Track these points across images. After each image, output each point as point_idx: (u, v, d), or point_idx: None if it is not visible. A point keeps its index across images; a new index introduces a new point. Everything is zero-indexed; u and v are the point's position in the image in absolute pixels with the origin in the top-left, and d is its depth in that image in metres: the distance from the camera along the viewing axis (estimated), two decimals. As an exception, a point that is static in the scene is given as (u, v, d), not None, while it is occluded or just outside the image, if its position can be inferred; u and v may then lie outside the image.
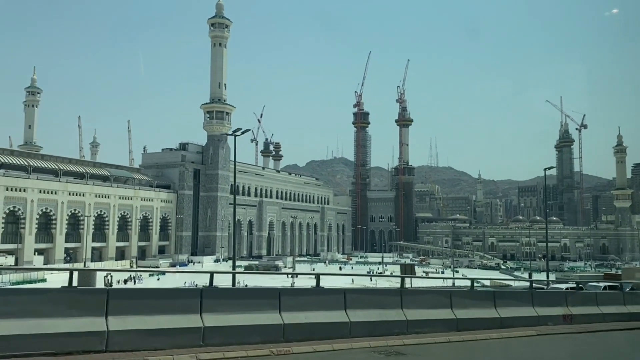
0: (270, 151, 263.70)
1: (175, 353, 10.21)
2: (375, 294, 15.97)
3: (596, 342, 16.48)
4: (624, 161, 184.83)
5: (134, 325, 10.35)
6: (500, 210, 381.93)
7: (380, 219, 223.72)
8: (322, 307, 12.73)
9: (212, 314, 11.24)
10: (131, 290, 13.69)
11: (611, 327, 18.79)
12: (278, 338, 11.75)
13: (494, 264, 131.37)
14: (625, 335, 18.10)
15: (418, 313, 14.29)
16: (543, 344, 15.48)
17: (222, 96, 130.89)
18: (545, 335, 16.47)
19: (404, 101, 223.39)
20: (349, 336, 12.69)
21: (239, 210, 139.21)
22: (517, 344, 14.99)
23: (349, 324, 12.88)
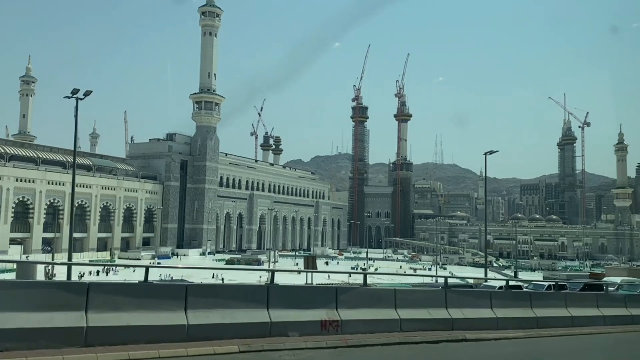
0: (270, 145, 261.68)
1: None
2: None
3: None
4: (625, 159, 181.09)
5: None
6: (502, 208, 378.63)
7: (377, 215, 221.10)
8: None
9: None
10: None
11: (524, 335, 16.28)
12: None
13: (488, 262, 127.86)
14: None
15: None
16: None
17: (212, 86, 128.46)
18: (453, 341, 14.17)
19: (402, 96, 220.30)
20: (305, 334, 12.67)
21: (228, 203, 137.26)
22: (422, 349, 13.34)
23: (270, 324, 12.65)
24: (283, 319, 12.50)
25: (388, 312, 14.39)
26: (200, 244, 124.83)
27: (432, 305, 15.29)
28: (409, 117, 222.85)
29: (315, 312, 13.04)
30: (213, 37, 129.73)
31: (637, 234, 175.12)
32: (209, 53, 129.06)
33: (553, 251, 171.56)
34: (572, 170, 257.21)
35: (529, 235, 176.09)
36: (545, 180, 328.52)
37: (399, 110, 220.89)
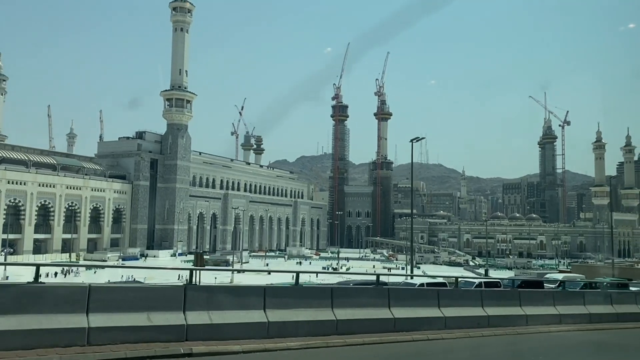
0: (251, 144, 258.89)
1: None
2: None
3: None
4: (603, 157, 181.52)
5: None
6: (484, 207, 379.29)
7: (358, 215, 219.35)
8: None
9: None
10: None
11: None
12: None
13: (463, 260, 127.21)
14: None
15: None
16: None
17: (183, 83, 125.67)
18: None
19: (382, 94, 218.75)
20: (267, 336, 12.21)
21: (201, 202, 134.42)
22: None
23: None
24: (208, 321, 11.55)
25: (325, 312, 13.44)
26: (172, 244, 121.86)
27: (374, 305, 14.37)
28: (389, 115, 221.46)
29: (247, 314, 12.16)
30: (184, 33, 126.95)
31: (615, 232, 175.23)
32: (180, 49, 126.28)
33: (532, 250, 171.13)
34: (553, 169, 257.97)
35: (507, 234, 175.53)
36: (528, 179, 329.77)
37: (378, 108, 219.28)
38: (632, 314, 21.07)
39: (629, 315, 20.98)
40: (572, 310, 20.24)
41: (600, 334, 19.05)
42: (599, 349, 16.37)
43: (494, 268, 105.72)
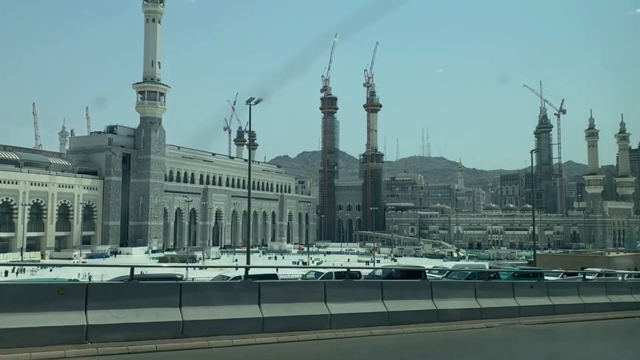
0: (244, 140, 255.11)
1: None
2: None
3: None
4: (596, 145, 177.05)
5: None
6: (482, 199, 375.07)
7: (349, 208, 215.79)
8: None
9: None
10: None
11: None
12: None
13: (447, 252, 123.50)
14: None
15: None
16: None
17: (156, 75, 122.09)
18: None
19: (372, 85, 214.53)
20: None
21: (179, 198, 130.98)
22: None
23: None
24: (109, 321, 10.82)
25: (249, 309, 12.77)
26: (146, 241, 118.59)
27: (309, 300, 13.83)
28: (379, 107, 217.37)
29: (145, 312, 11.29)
30: (156, 24, 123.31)
31: (608, 221, 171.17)
32: (152, 40, 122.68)
33: (523, 241, 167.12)
34: (549, 158, 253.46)
35: (498, 225, 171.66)
36: (526, 170, 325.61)
37: (368, 100, 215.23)
38: (498, 309, 17.65)
39: (496, 310, 17.71)
40: (447, 304, 16.74)
41: (452, 333, 15.57)
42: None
43: (475, 259, 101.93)
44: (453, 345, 14.34)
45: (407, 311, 15.70)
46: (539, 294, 19.89)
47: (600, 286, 22.67)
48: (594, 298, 21.33)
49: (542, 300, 19.72)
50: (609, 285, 22.99)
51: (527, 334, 16.72)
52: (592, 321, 19.75)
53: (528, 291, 19.57)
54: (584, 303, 20.77)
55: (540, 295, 19.85)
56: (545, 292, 20.10)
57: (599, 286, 22.76)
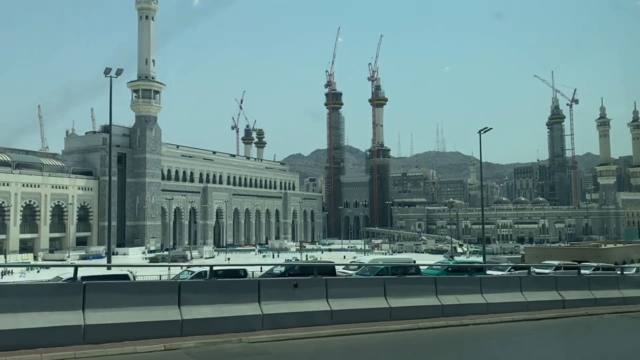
0: (252, 138, 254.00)
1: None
2: None
3: None
4: (608, 135, 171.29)
5: None
6: (496, 193, 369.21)
7: (355, 205, 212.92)
8: None
9: None
10: None
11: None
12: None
13: (451, 247, 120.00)
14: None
15: None
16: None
17: (150, 73, 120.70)
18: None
19: (376, 79, 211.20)
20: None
21: (177, 197, 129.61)
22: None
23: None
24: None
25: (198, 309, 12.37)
26: (144, 241, 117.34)
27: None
28: (385, 101, 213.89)
29: None
30: (150, 21, 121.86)
31: (622, 212, 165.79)
32: (146, 38, 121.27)
33: (534, 234, 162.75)
34: (562, 150, 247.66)
35: (508, 219, 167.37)
36: (540, 163, 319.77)
37: (373, 94, 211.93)
38: (413, 309, 15.14)
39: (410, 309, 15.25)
40: (345, 305, 14.37)
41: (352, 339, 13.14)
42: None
43: (477, 254, 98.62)
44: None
45: (288, 313, 13.31)
46: (472, 290, 17.30)
47: (549, 281, 19.95)
48: (540, 294, 18.74)
49: (475, 297, 17.12)
50: (562, 281, 20.31)
51: (452, 338, 14.24)
52: (534, 321, 17.11)
53: (456, 288, 17.00)
54: (528, 301, 18.18)
55: (472, 292, 17.26)
56: (478, 289, 17.50)
57: (547, 281, 20.05)
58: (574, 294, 19.50)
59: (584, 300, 19.56)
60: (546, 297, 18.78)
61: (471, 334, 14.82)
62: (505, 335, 15.18)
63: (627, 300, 20.68)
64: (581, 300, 19.44)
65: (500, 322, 16.20)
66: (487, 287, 17.43)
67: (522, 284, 18.45)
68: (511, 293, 17.93)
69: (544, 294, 18.79)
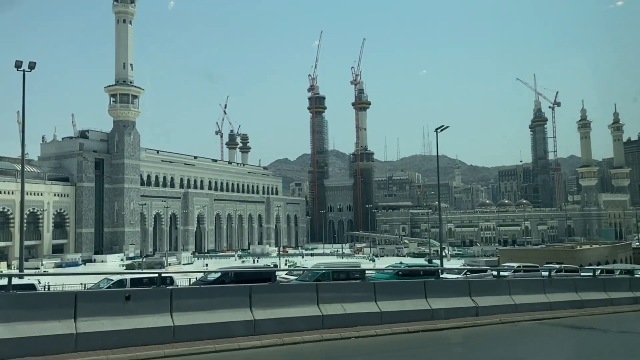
0: (236, 143, 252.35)
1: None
2: None
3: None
4: (589, 137, 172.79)
5: None
6: (481, 195, 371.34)
7: (340, 209, 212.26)
8: None
9: None
10: None
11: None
12: None
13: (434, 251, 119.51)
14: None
15: None
16: None
17: (128, 77, 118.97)
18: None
19: (359, 83, 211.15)
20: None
21: (157, 203, 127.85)
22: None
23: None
24: None
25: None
26: (123, 248, 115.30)
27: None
28: (368, 105, 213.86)
29: None
30: (127, 25, 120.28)
31: (604, 214, 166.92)
32: (124, 42, 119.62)
33: (517, 236, 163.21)
34: (544, 152, 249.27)
35: (491, 222, 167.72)
36: (523, 165, 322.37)
37: (356, 98, 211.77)
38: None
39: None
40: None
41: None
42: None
43: (458, 258, 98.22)
44: None
45: (112, 332, 11.61)
46: (364, 298, 15.31)
47: (462, 286, 18.30)
48: (450, 301, 16.81)
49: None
50: (478, 285, 18.46)
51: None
52: (436, 331, 15.02)
53: (345, 295, 14.96)
54: (432, 309, 16.15)
55: (365, 299, 15.28)
56: (372, 296, 15.38)
57: (460, 286, 18.29)
58: (491, 299, 17.64)
59: (501, 306, 17.70)
60: (457, 303, 16.86)
61: (353, 348, 13.01)
62: (399, 349, 13.19)
63: (553, 305, 18.89)
64: (498, 307, 17.57)
65: (392, 333, 14.24)
66: (381, 294, 15.36)
67: (426, 289, 16.29)
68: (413, 300, 15.91)
69: (454, 300, 16.89)
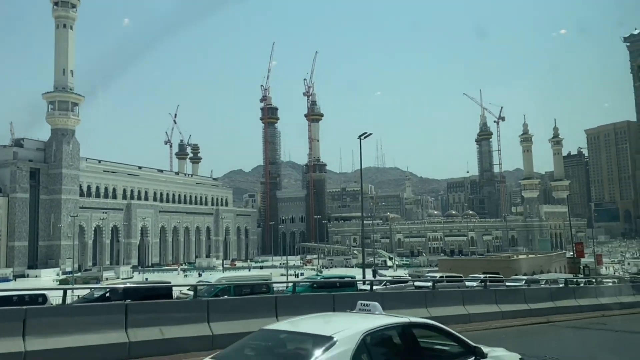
0: (186, 153, 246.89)
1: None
2: None
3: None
4: (530, 150, 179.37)
5: None
6: (431, 206, 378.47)
7: (292, 220, 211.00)
8: None
9: None
10: None
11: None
12: None
13: (382, 261, 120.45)
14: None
15: None
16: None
17: (67, 84, 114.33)
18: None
19: (312, 95, 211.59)
20: None
21: (98, 214, 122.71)
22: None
23: None
24: None
25: None
26: (59, 262, 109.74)
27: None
28: (320, 116, 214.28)
29: None
30: (68, 30, 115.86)
31: (545, 225, 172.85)
32: (64, 47, 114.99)
33: (463, 247, 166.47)
34: (490, 165, 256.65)
35: (439, 232, 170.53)
36: (470, 177, 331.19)
37: (309, 109, 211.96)
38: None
39: None
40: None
41: None
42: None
43: (404, 268, 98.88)
44: None
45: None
46: (196, 319, 13.07)
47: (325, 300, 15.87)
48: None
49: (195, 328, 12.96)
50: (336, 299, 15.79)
51: None
52: None
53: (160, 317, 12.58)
54: None
55: (197, 320, 13.05)
56: (204, 316, 13.14)
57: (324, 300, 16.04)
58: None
59: None
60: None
61: None
62: None
63: (433, 320, 16.64)
64: None
65: None
66: (214, 313, 13.08)
67: (277, 305, 14.30)
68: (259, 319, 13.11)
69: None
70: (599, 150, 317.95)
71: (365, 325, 5.99)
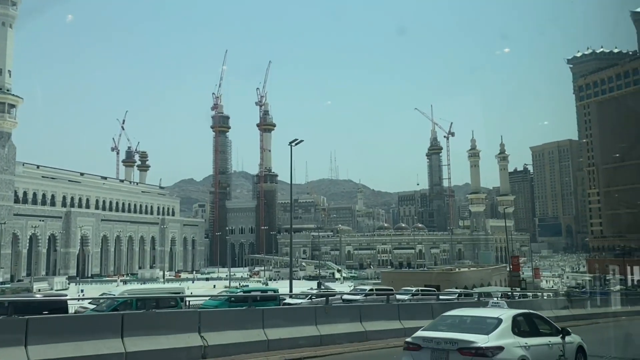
0: (134, 161, 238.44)
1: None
2: None
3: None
4: (478, 165, 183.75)
5: None
6: (382, 219, 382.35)
7: (241, 231, 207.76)
8: None
9: None
10: None
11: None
12: None
13: (330, 273, 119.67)
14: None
15: None
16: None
17: (5, 84, 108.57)
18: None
19: (264, 104, 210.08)
20: None
21: (34, 222, 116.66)
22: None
23: None
24: None
25: None
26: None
27: None
28: (272, 126, 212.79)
29: None
30: (7, 29, 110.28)
31: (491, 238, 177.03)
32: (2, 46, 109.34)
33: (411, 259, 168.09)
34: (439, 179, 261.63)
35: (387, 245, 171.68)
36: (420, 191, 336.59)
37: (261, 119, 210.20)
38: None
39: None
40: None
41: None
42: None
43: (351, 280, 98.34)
44: None
45: None
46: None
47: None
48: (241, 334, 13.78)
49: None
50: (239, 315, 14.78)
51: None
52: None
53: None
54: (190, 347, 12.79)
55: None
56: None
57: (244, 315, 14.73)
58: (279, 332, 14.39)
59: (290, 339, 14.41)
60: (240, 337, 13.63)
61: None
62: None
63: (324, 339, 15.30)
64: (287, 340, 14.33)
65: None
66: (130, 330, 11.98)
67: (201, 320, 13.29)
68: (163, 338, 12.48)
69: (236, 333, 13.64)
70: (544, 167, 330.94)
71: (510, 312, 11.16)
